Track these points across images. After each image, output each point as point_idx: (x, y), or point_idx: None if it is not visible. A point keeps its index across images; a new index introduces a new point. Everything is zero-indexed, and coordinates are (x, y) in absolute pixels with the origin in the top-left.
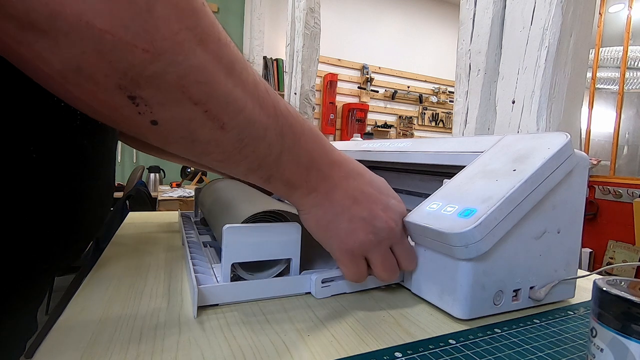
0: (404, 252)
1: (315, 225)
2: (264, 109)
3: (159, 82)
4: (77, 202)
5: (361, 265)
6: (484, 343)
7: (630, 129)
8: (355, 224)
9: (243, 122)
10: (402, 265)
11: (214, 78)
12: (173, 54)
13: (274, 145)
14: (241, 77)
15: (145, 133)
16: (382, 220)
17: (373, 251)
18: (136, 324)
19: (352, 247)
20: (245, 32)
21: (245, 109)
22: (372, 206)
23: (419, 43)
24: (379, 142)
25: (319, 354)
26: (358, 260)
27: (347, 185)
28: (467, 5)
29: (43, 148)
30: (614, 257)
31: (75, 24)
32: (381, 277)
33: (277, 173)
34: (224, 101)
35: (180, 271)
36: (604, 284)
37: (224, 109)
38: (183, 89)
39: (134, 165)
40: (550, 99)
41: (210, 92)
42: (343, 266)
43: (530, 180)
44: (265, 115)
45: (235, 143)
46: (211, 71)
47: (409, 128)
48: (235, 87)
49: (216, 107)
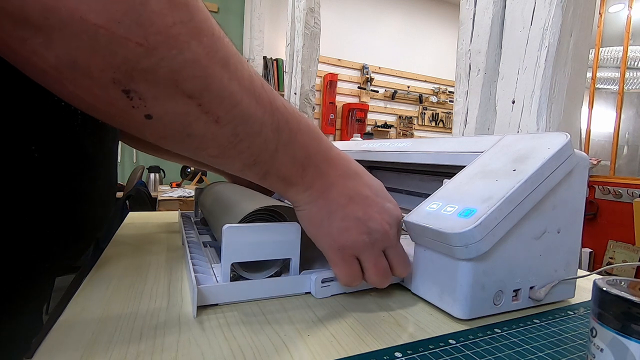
0: (397, 256)
1: (308, 222)
2: (259, 103)
3: (153, 75)
4: (78, 202)
5: (353, 266)
6: (484, 343)
7: (630, 129)
8: (349, 222)
9: (238, 117)
10: (395, 271)
11: (208, 72)
12: (167, 47)
13: (269, 140)
14: (236, 72)
15: (139, 128)
16: (377, 222)
17: (365, 253)
18: (136, 323)
19: (344, 246)
20: (245, 32)
21: (241, 103)
22: (367, 207)
23: (419, 43)
24: (379, 142)
25: (319, 354)
26: (350, 260)
27: (343, 184)
28: (467, 5)
29: (44, 147)
30: (614, 257)
31: (69, 19)
32: (373, 281)
33: (273, 169)
34: (219, 95)
35: (180, 271)
36: (604, 284)
37: (219, 103)
38: (177, 83)
39: (134, 165)
40: (550, 99)
41: (205, 86)
42: (334, 266)
43: (530, 180)
44: (261, 110)
45: (231, 137)
46: (205, 65)
47: (409, 128)
48: (230, 81)
49: (211, 101)
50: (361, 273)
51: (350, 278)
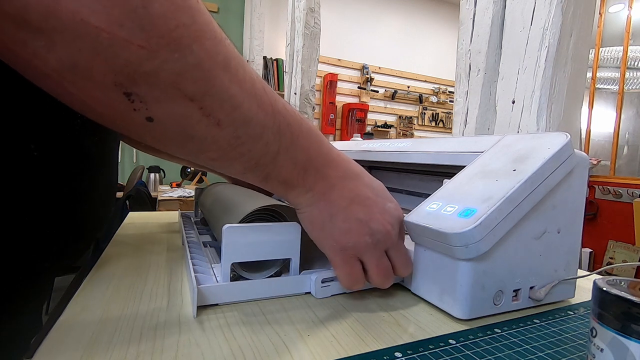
0: (400, 257)
1: (310, 224)
2: (261, 106)
3: (155, 78)
4: (78, 202)
5: (356, 268)
6: (484, 343)
7: (630, 129)
8: (350, 224)
9: (239, 120)
10: (398, 271)
11: (210, 75)
12: (169, 51)
13: (271, 143)
14: (237, 74)
15: (140, 131)
16: (379, 223)
17: (368, 254)
18: (136, 324)
19: (346, 247)
20: (245, 32)
21: (242, 106)
22: (369, 208)
23: (419, 43)
24: (379, 142)
25: (319, 354)
26: (352, 261)
27: (344, 185)
28: (467, 5)
29: (44, 146)
30: (614, 257)
31: (70, 22)
32: (375, 282)
33: (274, 172)
34: (220, 98)
35: (180, 271)
36: (604, 284)
37: (220, 106)
38: (179, 86)
39: (134, 165)
40: (550, 99)
41: (206, 89)
42: (337, 267)
43: (530, 180)
44: (263, 113)
45: (232, 140)
46: (207, 68)
47: (409, 128)
48: (232, 84)
49: (212, 104)
50: (363, 275)
51: (353, 280)
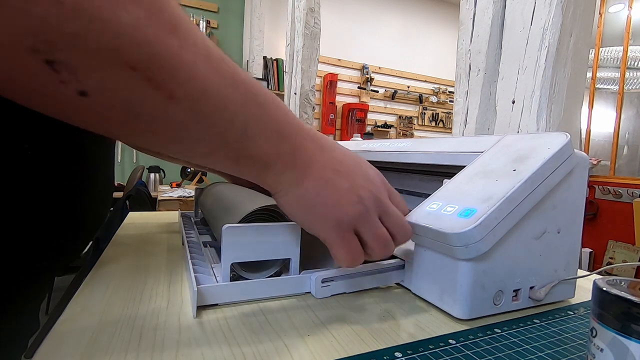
0: (395, 221)
1: (297, 206)
2: (222, 76)
3: (82, 42)
4: (76, 199)
5: (353, 243)
6: (484, 343)
7: (630, 129)
8: (339, 196)
9: (196, 91)
10: (396, 237)
11: (153, 38)
12: (95, 8)
13: (237, 115)
14: (187, 38)
15: (75, 110)
16: (366, 190)
17: (363, 223)
18: (136, 324)
19: (340, 220)
20: (245, 32)
21: (198, 75)
22: (352, 176)
23: (419, 43)
24: (379, 142)
25: (319, 354)
26: (349, 236)
27: (323, 157)
28: (467, 5)
29: (38, 144)
30: (614, 257)
31: None
32: (376, 252)
33: (245, 150)
34: (169, 66)
35: (180, 271)
36: (604, 284)
37: (171, 76)
38: (115, 52)
39: (134, 165)
40: (550, 99)
41: (150, 55)
42: (334, 247)
43: (530, 180)
44: (223, 83)
45: (189, 116)
46: (149, 30)
47: (409, 128)
48: (182, 49)
49: (161, 73)
50: (362, 250)
51: (352, 256)
